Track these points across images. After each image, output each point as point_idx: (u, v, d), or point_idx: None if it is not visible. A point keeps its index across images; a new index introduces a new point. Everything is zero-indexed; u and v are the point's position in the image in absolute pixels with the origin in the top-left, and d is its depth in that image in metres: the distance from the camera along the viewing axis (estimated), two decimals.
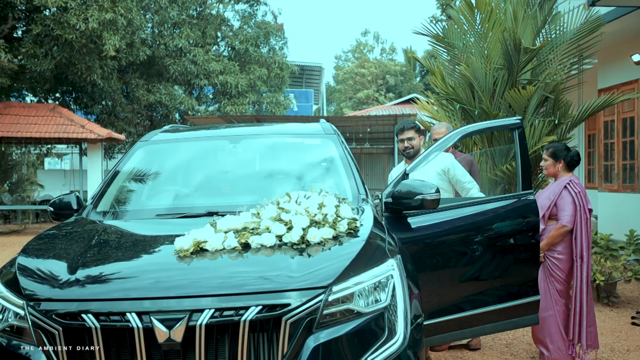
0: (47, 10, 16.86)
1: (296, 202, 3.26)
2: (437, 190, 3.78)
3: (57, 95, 22.97)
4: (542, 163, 5.13)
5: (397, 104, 37.36)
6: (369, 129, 21.90)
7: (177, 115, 24.47)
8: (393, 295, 2.87)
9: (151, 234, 3.42)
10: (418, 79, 53.40)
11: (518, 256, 4.35)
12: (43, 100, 21.94)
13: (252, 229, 3.06)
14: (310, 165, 4.34)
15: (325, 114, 40.29)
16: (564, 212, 4.92)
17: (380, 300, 2.81)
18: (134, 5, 18.63)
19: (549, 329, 5.00)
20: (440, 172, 5.30)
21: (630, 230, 7.23)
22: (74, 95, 23.18)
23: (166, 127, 4.92)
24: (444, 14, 25.25)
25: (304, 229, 3.04)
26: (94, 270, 2.82)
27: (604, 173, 10.70)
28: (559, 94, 7.28)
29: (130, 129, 22.80)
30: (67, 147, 23.05)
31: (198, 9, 24.37)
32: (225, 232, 3.00)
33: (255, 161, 4.40)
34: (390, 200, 3.99)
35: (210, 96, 25.58)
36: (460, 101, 7.52)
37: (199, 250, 2.90)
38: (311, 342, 2.59)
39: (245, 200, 3.85)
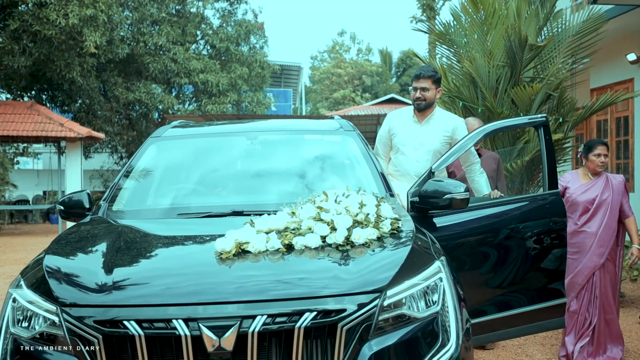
0: (24, 5, 16.44)
1: (335, 201, 3.10)
2: (467, 190, 3.65)
3: (33, 92, 22.46)
4: (604, 159, 5.12)
5: (376, 104, 37.30)
6: None
7: (156, 114, 24.10)
8: (444, 299, 2.72)
9: (181, 235, 3.21)
10: (394, 79, 53.44)
11: (545, 257, 4.23)
12: (18, 98, 21.42)
13: (293, 230, 2.89)
14: (333, 163, 4.16)
15: (303, 114, 40.10)
16: (628, 206, 5.17)
17: (432, 305, 2.66)
18: (114, 2, 18.26)
19: (614, 329, 5.17)
20: (447, 136, 4.86)
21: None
22: (50, 93, 22.69)
23: (175, 123, 4.69)
24: (424, 14, 25.22)
25: (347, 229, 2.88)
26: (131, 274, 2.62)
27: None
28: (564, 92, 7.23)
29: (107, 128, 22.37)
30: (45, 145, 22.56)
31: (177, 7, 24.01)
32: (267, 233, 2.83)
33: (275, 158, 4.20)
34: (416, 199, 3.85)
35: (190, 95, 25.22)
36: (464, 99, 7.42)
37: (240, 252, 2.72)
38: (367, 350, 2.43)
39: (268, 199, 3.69)
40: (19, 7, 16.65)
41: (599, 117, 10.43)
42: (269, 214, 3.02)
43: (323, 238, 2.84)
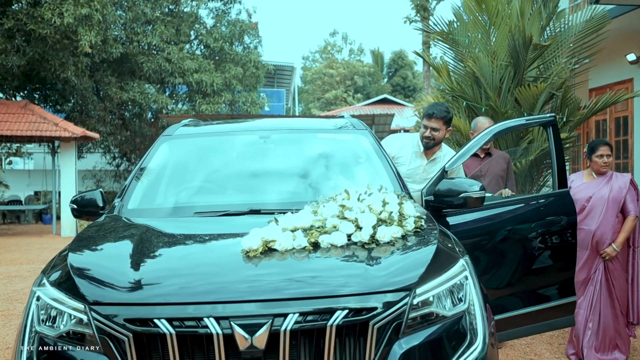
0: (19, 3, 16.29)
1: (358, 199, 3.08)
2: (482, 188, 3.64)
3: (25, 92, 22.28)
4: (607, 159, 5.16)
5: (369, 104, 37.38)
6: None
7: (149, 114, 23.96)
8: (470, 298, 2.72)
9: (203, 233, 3.19)
10: (385, 79, 53.50)
11: (555, 255, 4.24)
12: (10, 98, 21.24)
13: (318, 228, 2.87)
14: (347, 162, 4.15)
15: (296, 114, 40.04)
16: (633, 205, 5.12)
17: (459, 303, 2.66)
18: (108, 1, 18.15)
19: (618, 326, 5.17)
20: None
21: None
22: (43, 93, 22.52)
23: (185, 121, 4.65)
24: (418, 14, 25.19)
25: (373, 227, 2.87)
26: (159, 272, 2.60)
27: None
28: (567, 91, 7.26)
29: (101, 128, 22.21)
30: (40, 145, 22.37)
31: (171, 7, 23.87)
32: (292, 231, 2.81)
33: (289, 157, 4.18)
34: (431, 198, 3.84)
35: (184, 95, 25.09)
36: (467, 98, 7.43)
37: (267, 250, 2.70)
38: (397, 349, 2.42)
39: (284, 198, 3.67)
40: (13, 6, 16.51)
41: (597, 117, 10.47)
42: (292, 212, 3.00)
43: (348, 236, 2.83)
